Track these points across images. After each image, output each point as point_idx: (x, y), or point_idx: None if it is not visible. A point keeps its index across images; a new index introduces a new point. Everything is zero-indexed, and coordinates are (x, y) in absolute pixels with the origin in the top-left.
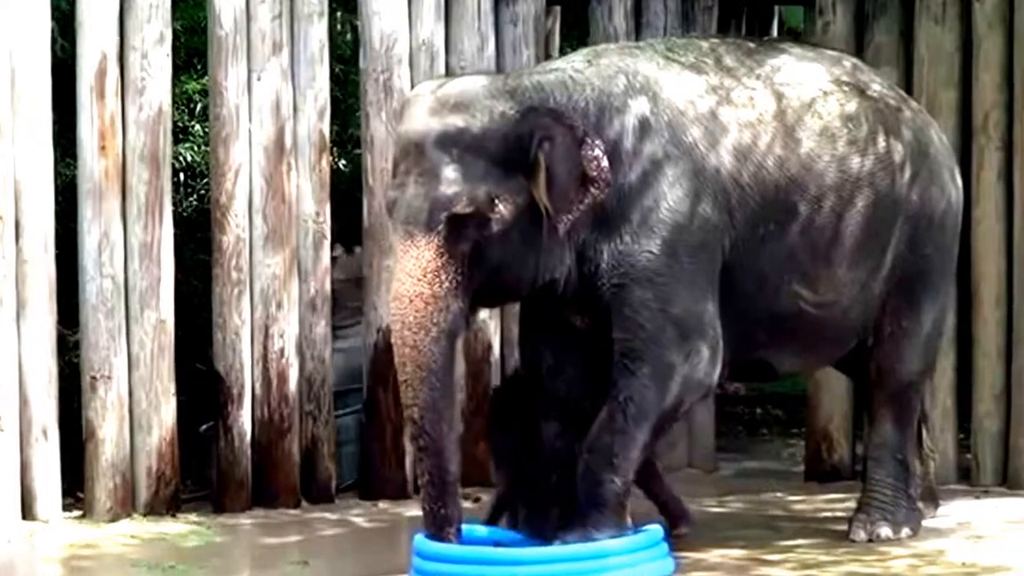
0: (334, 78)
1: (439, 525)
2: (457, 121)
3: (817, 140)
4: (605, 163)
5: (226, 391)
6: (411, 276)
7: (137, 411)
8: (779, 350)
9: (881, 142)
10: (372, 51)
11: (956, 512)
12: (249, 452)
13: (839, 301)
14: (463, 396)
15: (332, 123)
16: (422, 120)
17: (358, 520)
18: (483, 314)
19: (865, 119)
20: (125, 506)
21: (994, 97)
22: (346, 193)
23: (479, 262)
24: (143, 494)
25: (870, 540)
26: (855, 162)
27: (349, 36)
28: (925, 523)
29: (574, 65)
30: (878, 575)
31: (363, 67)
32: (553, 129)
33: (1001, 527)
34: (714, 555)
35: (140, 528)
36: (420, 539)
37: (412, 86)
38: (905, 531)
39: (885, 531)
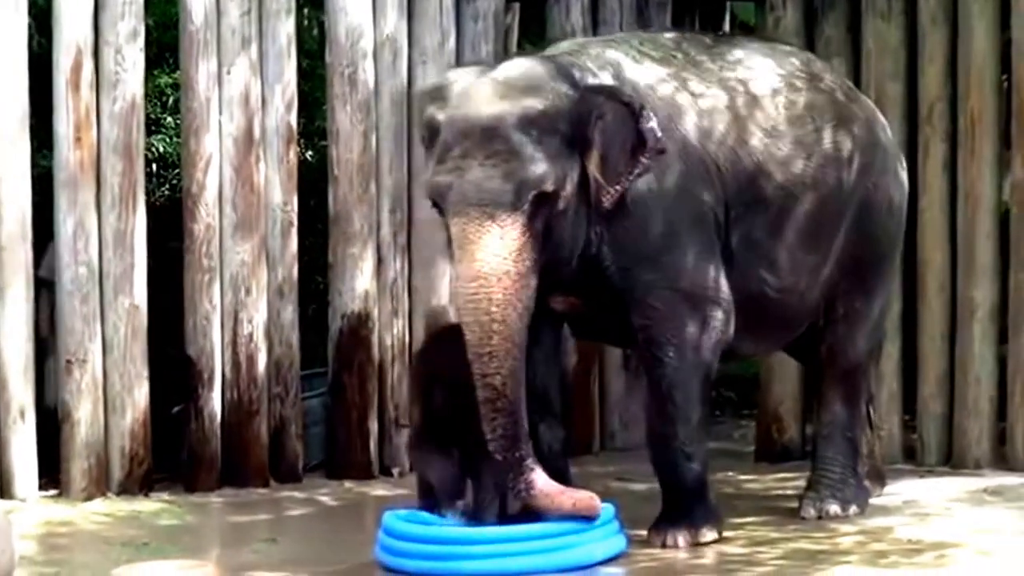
0: (301, 72)
1: (514, 465)
2: (535, 103)
3: (781, 129)
4: (660, 132)
5: (197, 374)
6: (497, 255)
7: (111, 394)
8: (740, 334)
9: (837, 133)
10: (338, 46)
11: (902, 491)
12: (219, 433)
13: (798, 286)
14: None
15: (299, 115)
16: (491, 104)
17: (325, 499)
18: (445, 299)
19: (820, 110)
20: (100, 486)
21: (938, 90)
22: (313, 183)
23: (548, 239)
24: (117, 474)
25: (819, 517)
26: (812, 151)
27: (316, 32)
28: (872, 501)
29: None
30: (826, 552)
31: (329, 61)
32: (606, 105)
33: (945, 505)
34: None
35: (114, 507)
36: (388, 517)
37: (376, 80)
38: (853, 508)
39: (834, 508)
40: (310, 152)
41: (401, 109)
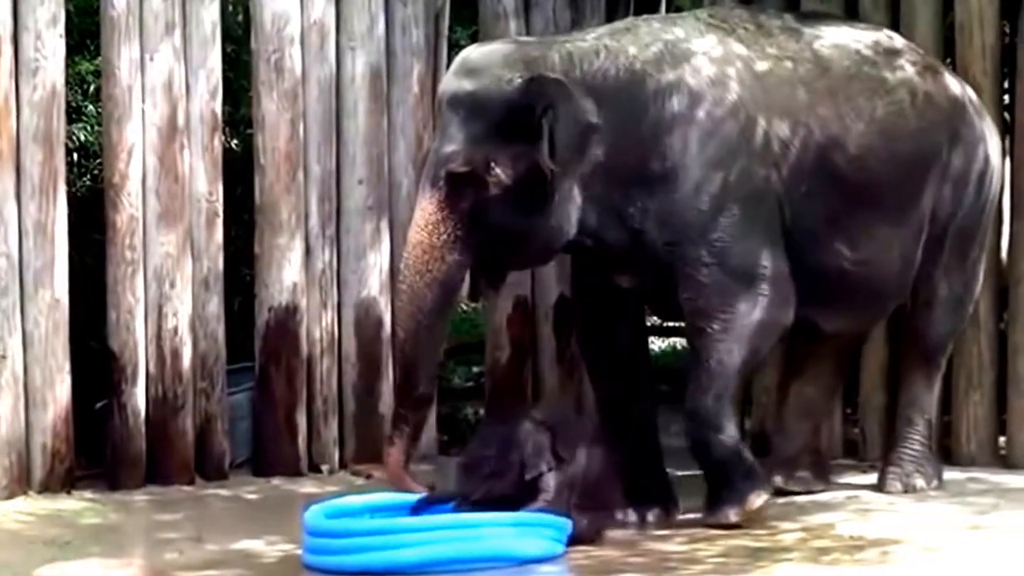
0: (226, 58)
1: (395, 419)
2: (467, 85)
3: (855, 102)
4: (603, 124)
5: (120, 369)
6: (416, 225)
7: (32, 389)
8: (818, 309)
9: (915, 107)
10: (263, 31)
11: (844, 486)
12: (143, 429)
13: (878, 260)
14: (355, 374)
15: (224, 103)
16: (447, 80)
17: (251, 496)
18: (375, 291)
19: (898, 85)
20: (20, 483)
21: None
22: (238, 172)
23: (479, 222)
24: (38, 471)
25: (906, 491)
26: (888, 124)
27: (241, 17)
28: (814, 497)
29: (611, 33)
30: (767, 549)
31: (254, 47)
32: (554, 96)
33: (888, 500)
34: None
35: (36, 505)
36: (312, 515)
37: (303, 66)
38: (935, 483)
39: (920, 482)
40: (236, 141)
41: (329, 96)
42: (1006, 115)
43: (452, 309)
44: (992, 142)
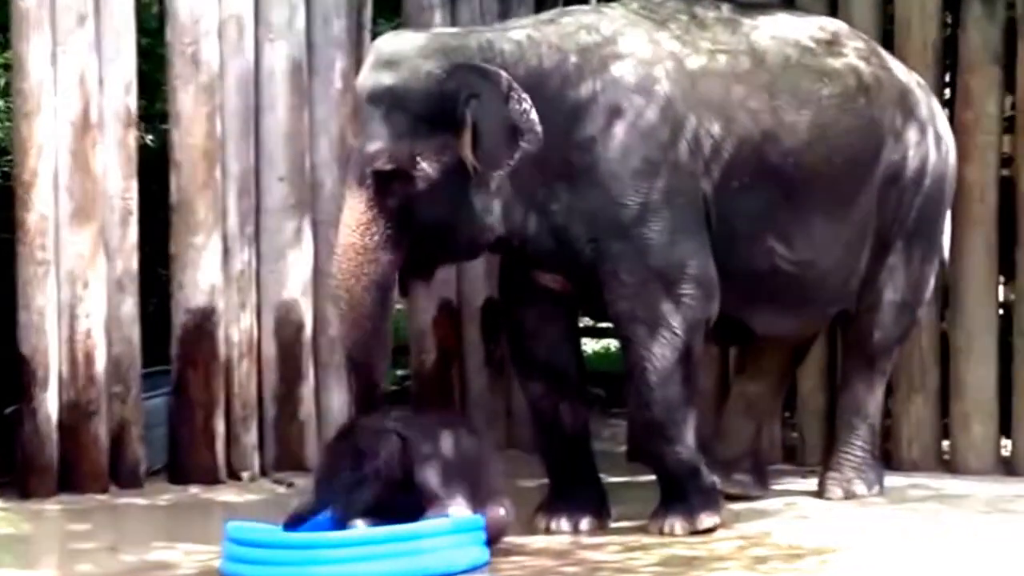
0: (141, 51)
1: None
2: (385, 79)
3: (792, 95)
4: (533, 115)
5: (31, 373)
6: (347, 227)
7: None
8: (750, 310)
9: (858, 100)
10: (179, 23)
11: (782, 492)
12: (55, 436)
13: (817, 260)
14: (275, 378)
15: (139, 97)
16: (364, 75)
17: (168, 505)
18: (296, 293)
19: (840, 76)
20: None
21: None
22: (153, 169)
23: (409, 218)
24: None
25: (847, 497)
26: (828, 118)
27: (156, 8)
28: (751, 504)
29: (535, 24)
30: (703, 558)
31: (170, 40)
32: (479, 86)
33: (827, 507)
34: (537, 540)
35: None
36: (233, 526)
37: (220, 59)
38: (876, 488)
39: (861, 488)
40: (151, 136)
41: (248, 90)
42: (947, 110)
43: (393, 307)
44: (943, 130)
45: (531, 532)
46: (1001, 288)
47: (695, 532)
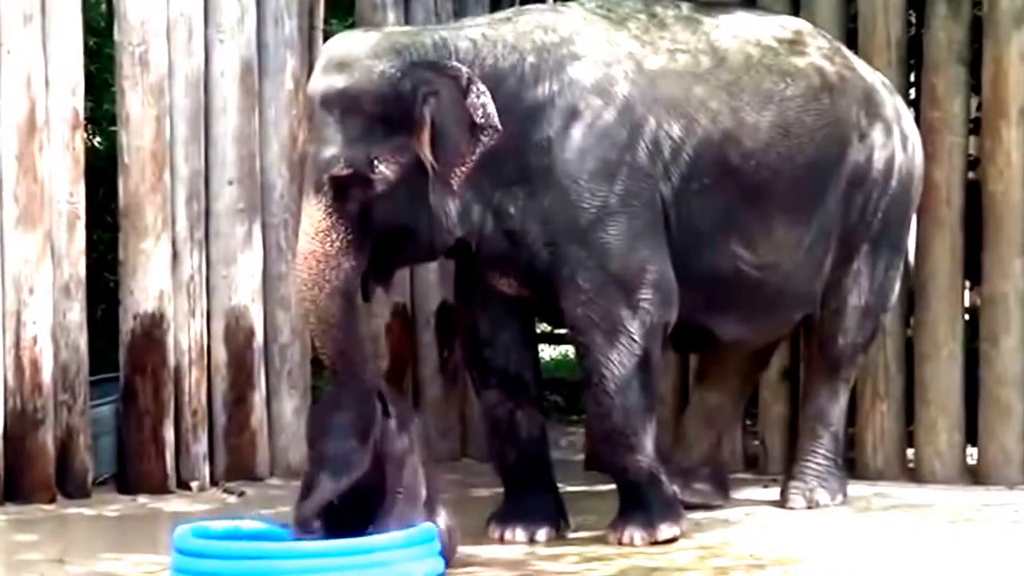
0: (88, 52)
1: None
2: (337, 82)
3: (753, 95)
4: (492, 109)
5: None
6: (306, 235)
7: None
8: (713, 315)
9: (821, 100)
10: (127, 23)
11: (743, 501)
12: (1, 445)
13: (780, 263)
14: (225, 386)
15: (86, 99)
16: (316, 78)
17: (116, 515)
18: (247, 299)
19: (801, 76)
20: None
21: None
22: (101, 172)
23: (369, 222)
24: None
25: (809, 506)
26: (789, 119)
27: (104, 8)
28: (712, 513)
29: (490, 22)
30: (663, 568)
31: (118, 40)
32: (436, 83)
33: (789, 517)
34: (488, 549)
35: None
36: (181, 535)
37: (169, 60)
38: (840, 498)
39: (823, 497)
40: (98, 139)
41: (197, 92)
42: (913, 111)
43: (358, 310)
44: (909, 130)
45: (483, 542)
46: (967, 293)
47: (655, 543)
